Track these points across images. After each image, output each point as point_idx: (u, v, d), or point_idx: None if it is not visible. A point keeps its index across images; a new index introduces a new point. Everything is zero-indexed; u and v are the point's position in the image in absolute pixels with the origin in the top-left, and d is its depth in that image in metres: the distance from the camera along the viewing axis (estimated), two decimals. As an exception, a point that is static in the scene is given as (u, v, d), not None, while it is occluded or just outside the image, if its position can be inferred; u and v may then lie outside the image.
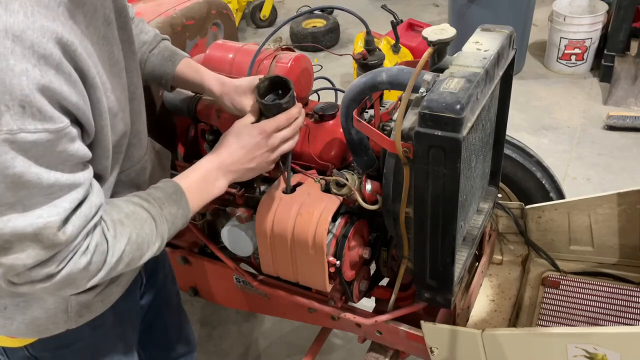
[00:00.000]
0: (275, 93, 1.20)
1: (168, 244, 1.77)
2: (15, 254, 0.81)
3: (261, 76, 1.22)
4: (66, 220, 0.83)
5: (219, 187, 1.12)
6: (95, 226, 0.89)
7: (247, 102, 1.23)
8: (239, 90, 1.26)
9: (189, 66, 1.35)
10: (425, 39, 1.13)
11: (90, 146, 0.89)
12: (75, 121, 0.82)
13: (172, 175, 1.34)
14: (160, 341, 1.56)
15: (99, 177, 0.96)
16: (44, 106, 0.74)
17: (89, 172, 0.88)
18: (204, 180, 1.10)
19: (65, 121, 0.78)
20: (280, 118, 1.15)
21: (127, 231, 0.94)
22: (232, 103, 1.26)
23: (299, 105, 1.19)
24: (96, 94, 0.85)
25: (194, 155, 1.62)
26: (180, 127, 1.64)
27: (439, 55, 1.17)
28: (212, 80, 1.31)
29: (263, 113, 1.18)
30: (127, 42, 1.03)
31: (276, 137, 1.15)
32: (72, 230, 0.83)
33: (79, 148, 0.83)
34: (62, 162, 0.80)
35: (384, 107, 1.37)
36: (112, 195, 1.08)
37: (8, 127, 0.72)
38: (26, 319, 1.08)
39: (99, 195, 0.90)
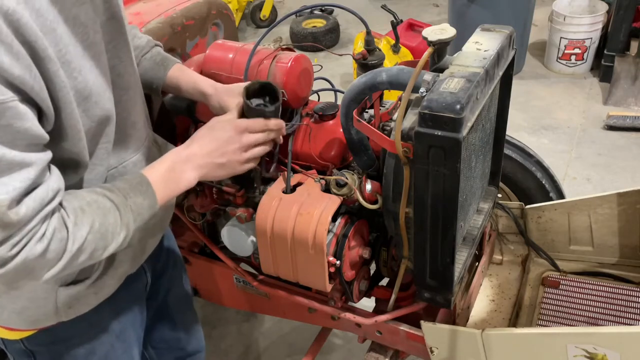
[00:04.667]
0: (263, 99, 1.20)
1: (168, 244, 1.77)
2: None
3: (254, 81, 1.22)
4: (19, 201, 0.81)
5: (187, 179, 1.09)
6: (53, 212, 0.86)
7: (233, 101, 1.23)
8: (228, 92, 1.27)
9: (181, 70, 1.35)
10: (425, 39, 1.13)
11: (56, 129, 0.87)
12: (29, 100, 0.80)
13: None
14: (169, 341, 1.56)
15: (75, 162, 0.95)
16: None
17: (44, 155, 0.85)
18: (171, 171, 1.07)
19: (7, 94, 0.75)
20: (258, 121, 1.15)
21: (88, 219, 0.91)
22: (219, 102, 1.27)
23: (280, 121, 1.19)
24: (49, 66, 0.82)
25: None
26: (180, 127, 1.64)
27: (439, 55, 1.17)
28: (205, 83, 1.31)
29: (245, 115, 1.18)
30: (118, 33, 1.02)
31: (249, 136, 1.14)
32: (26, 211, 0.81)
33: (31, 127, 0.80)
34: (9, 138, 0.78)
35: (384, 107, 1.37)
36: None
37: None
38: (16, 309, 1.08)
39: (58, 181, 0.88)
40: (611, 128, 3.46)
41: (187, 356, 1.63)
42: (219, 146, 1.11)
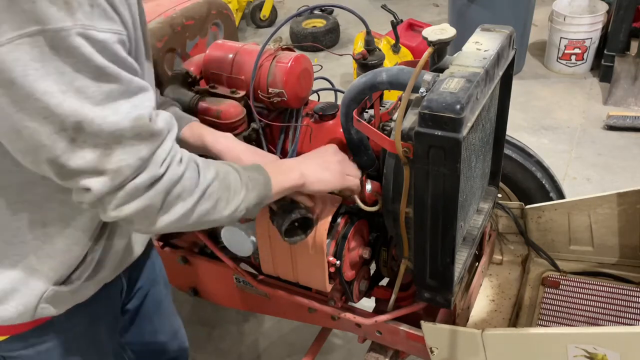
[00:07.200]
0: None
1: (168, 244, 1.77)
2: (118, 155, 0.84)
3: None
4: (155, 116, 0.88)
5: (292, 173, 1.15)
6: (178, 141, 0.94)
7: None
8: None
9: (191, 129, 1.31)
10: (425, 39, 1.13)
11: None
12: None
13: None
14: (151, 344, 1.55)
15: None
16: (107, 8, 0.81)
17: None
18: (276, 164, 1.17)
19: (122, 29, 0.84)
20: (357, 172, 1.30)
21: (213, 168, 0.98)
22: None
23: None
24: (137, 33, 0.92)
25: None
26: (180, 127, 1.63)
27: (439, 55, 1.17)
28: (215, 143, 1.28)
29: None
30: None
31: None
32: (162, 125, 0.89)
33: (133, 61, 0.87)
34: (127, 67, 0.85)
35: (384, 107, 1.37)
36: None
37: (81, 22, 0.78)
38: (6, 289, 1.03)
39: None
40: (611, 128, 3.46)
41: (170, 359, 1.62)
42: (322, 161, 1.21)
